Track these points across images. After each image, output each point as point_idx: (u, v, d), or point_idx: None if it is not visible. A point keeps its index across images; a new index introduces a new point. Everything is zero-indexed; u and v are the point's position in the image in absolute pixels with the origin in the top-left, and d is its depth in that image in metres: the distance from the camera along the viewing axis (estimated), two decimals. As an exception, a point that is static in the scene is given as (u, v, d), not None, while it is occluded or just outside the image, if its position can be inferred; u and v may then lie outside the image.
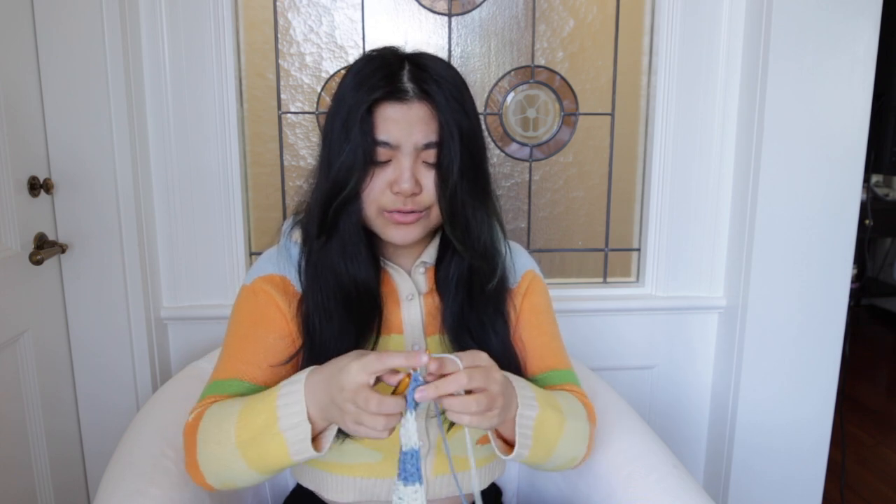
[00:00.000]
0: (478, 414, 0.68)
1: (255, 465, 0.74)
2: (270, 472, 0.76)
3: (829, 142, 1.36)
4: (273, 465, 0.74)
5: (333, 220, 0.81)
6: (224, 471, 0.76)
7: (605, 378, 1.21)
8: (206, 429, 0.78)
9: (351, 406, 0.66)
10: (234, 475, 0.76)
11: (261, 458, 0.73)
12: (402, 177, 0.77)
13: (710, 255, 1.51)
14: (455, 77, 0.80)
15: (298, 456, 0.72)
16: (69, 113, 1.24)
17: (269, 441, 0.72)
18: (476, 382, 0.67)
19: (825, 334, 1.45)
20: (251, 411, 0.74)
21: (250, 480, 0.77)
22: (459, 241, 0.83)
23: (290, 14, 1.39)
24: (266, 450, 0.72)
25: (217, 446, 0.76)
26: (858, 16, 1.31)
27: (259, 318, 0.85)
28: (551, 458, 0.82)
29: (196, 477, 0.79)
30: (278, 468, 0.75)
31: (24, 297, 1.19)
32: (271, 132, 1.43)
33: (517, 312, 0.92)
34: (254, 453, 0.73)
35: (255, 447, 0.73)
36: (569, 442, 0.83)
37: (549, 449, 0.81)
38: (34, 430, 1.23)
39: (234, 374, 0.83)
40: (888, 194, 3.14)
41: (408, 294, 0.88)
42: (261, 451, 0.73)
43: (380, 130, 0.77)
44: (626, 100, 1.49)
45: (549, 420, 0.79)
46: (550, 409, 0.80)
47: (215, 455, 0.76)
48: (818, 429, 1.49)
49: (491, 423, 0.70)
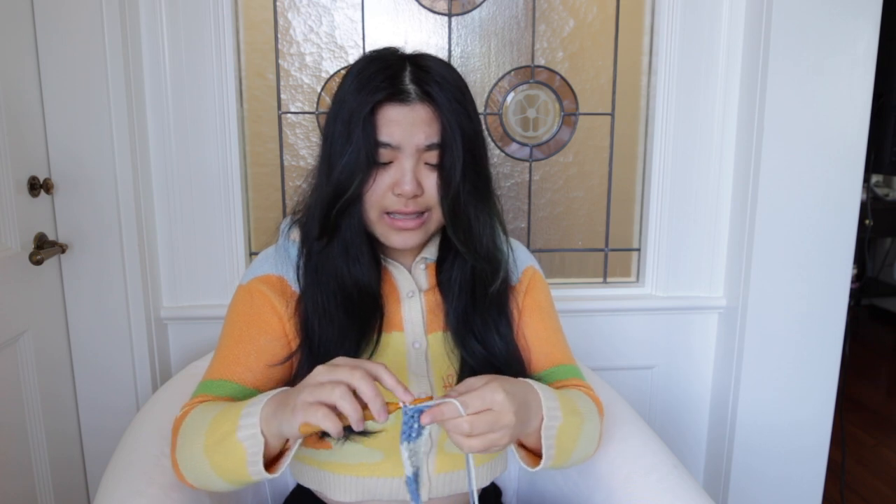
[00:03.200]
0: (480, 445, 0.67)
1: (218, 470, 0.74)
2: (234, 481, 0.74)
3: (829, 142, 1.36)
4: (235, 475, 0.73)
5: (336, 223, 0.80)
6: (196, 472, 0.76)
7: (605, 378, 1.21)
8: (185, 429, 0.78)
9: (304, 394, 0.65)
10: (203, 477, 0.76)
11: (222, 464, 0.73)
12: (404, 178, 0.77)
13: (710, 255, 1.51)
14: (456, 78, 0.80)
15: (253, 469, 0.70)
16: (69, 113, 1.24)
17: (229, 448, 0.71)
18: (480, 428, 0.66)
19: (825, 334, 1.45)
20: (222, 417, 0.74)
21: (220, 486, 0.76)
22: (461, 243, 0.83)
23: (290, 14, 1.39)
24: (226, 457, 0.72)
25: (190, 447, 0.76)
26: (858, 16, 1.31)
27: (253, 319, 0.85)
28: (568, 461, 0.83)
29: (178, 475, 0.80)
30: (241, 479, 0.74)
31: (24, 297, 1.19)
32: (271, 132, 1.43)
33: (519, 309, 0.93)
34: (217, 458, 0.73)
35: (218, 453, 0.73)
36: (584, 443, 0.83)
37: (567, 454, 0.81)
38: (34, 431, 1.23)
39: (225, 375, 0.83)
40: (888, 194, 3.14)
41: (408, 291, 0.88)
42: (222, 458, 0.72)
43: (382, 132, 0.77)
44: (626, 100, 1.49)
45: (571, 428, 0.79)
46: (572, 415, 0.80)
47: (187, 455, 0.76)
48: (818, 429, 1.49)
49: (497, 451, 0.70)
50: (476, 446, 0.66)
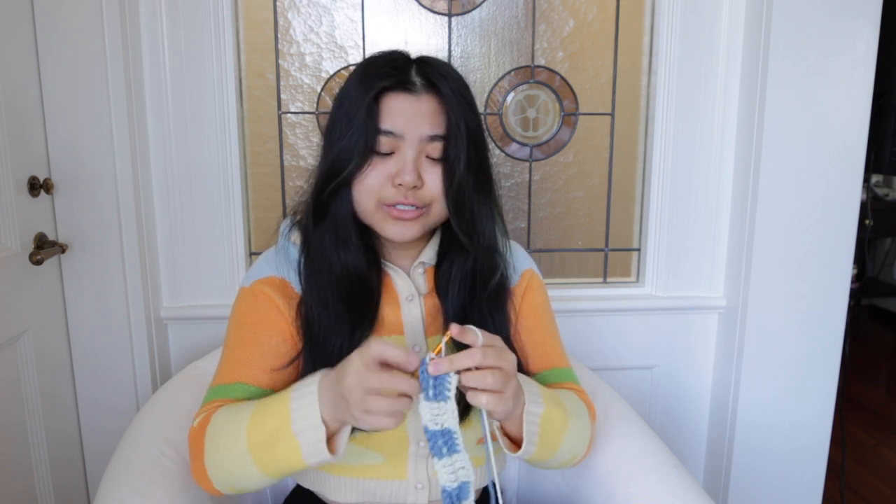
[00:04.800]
0: (494, 391, 0.68)
1: (267, 468, 0.74)
2: (282, 475, 0.76)
3: (829, 142, 1.36)
4: (285, 469, 0.74)
5: (326, 204, 0.81)
6: (234, 476, 0.76)
7: (605, 378, 1.21)
8: (214, 433, 0.77)
9: (357, 393, 0.65)
10: (244, 480, 0.76)
11: (273, 461, 0.73)
12: (405, 168, 0.78)
13: (710, 255, 1.51)
14: (459, 76, 0.82)
15: (312, 458, 0.71)
16: (69, 113, 1.24)
17: (282, 444, 0.71)
18: (490, 360, 0.67)
19: (825, 334, 1.45)
20: (263, 414, 0.74)
21: (261, 484, 0.77)
22: (465, 235, 0.83)
23: (290, 14, 1.39)
24: (278, 453, 0.72)
25: (227, 451, 0.75)
26: (858, 16, 1.31)
27: (260, 320, 0.85)
28: (555, 455, 0.83)
29: (204, 483, 0.79)
30: (290, 471, 0.75)
31: (24, 297, 1.19)
32: (271, 132, 1.43)
33: (517, 311, 0.93)
34: (266, 457, 0.73)
35: (268, 450, 0.72)
36: (572, 440, 0.83)
37: (553, 446, 0.81)
38: (34, 431, 1.23)
39: (238, 377, 0.83)
40: (888, 194, 3.15)
41: (408, 295, 0.88)
42: (273, 455, 0.72)
43: (384, 119, 0.78)
44: (626, 100, 1.49)
45: (555, 418, 0.80)
46: (555, 407, 0.80)
47: (225, 459, 0.75)
48: (818, 429, 1.49)
49: (505, 406, 0.70)
50: (489, 381, 0.67)
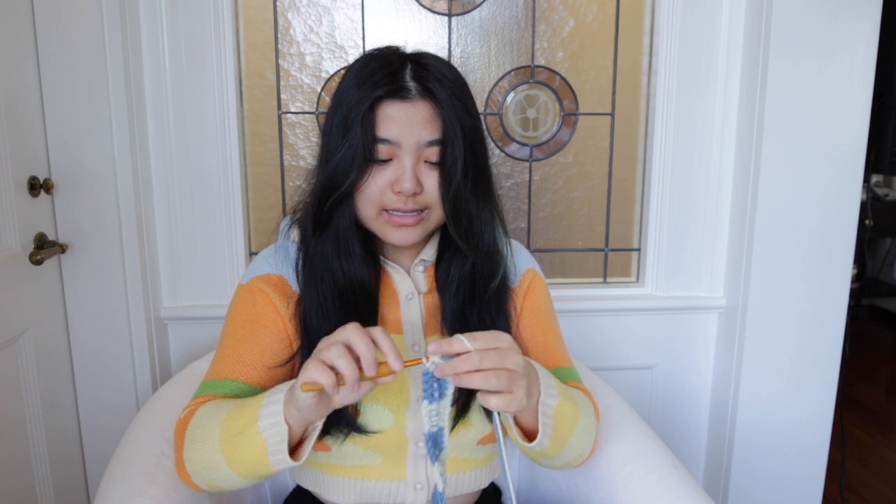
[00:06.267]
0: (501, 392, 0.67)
1: (235, 465, 0.74)
2: (251, 475, 0.75)
3: (829, 142, 1.36)
4: (253, 468, 0.73)
5: (328, 216, 0.81)
6: (207, 470, 0.76)
7: (605, 378, 1.21)
8: (194, 427, 0.78)
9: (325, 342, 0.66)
10: (216, 476, 0.76)
11: (240, 458, 0.73)
12: (404, 176, 0.77)
13: (710, 255, 1.51)
14: (456, 76, 0.80)
15: (276, 458, 0.71)
16: (69, 113, 1.24)
17: (248, 441, 0.71)
18: (490, 362, 0.65)
19: (825, 334, 1.45)
20: (238, 412, 0.74)
21: (233, 483, 0.77)
22: (462, 240, 0.82)
23: (290, 14, 1.39)
24: (245, 450, 0.72)
25: (202, 444, 0.76)
26: (858, 16, 1.31)
27: (256, 318, 0.85)
28: (564, 451, 0.82)
29: (183, 476, 0.79)
30: (259, 473, 0.74)
31: (24, 297, 1.19)
32: (271, 132, 1.43)
33: (518, 311, 0.92)
34: (234, 453, 0.73)
35: (236, 447, 0.73)
36: (580, 435, 0.83)
37: (564, 440, 0.81)
38: (34, 430, 1.23)
39: (229, 374, 0.83)
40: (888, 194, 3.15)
41: (407, 294, 0.88)
42: (240, 452, 0.72)
43: (381, 128, 0.77)
44: (626, 100, 1.49)
45: (567, 411, 0.79)
46: (568, 401, 0.80)
47: (199, 453, 0.76)
48: (818, 429, 1.49)
49: (519, 405, 0.68)
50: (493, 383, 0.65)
